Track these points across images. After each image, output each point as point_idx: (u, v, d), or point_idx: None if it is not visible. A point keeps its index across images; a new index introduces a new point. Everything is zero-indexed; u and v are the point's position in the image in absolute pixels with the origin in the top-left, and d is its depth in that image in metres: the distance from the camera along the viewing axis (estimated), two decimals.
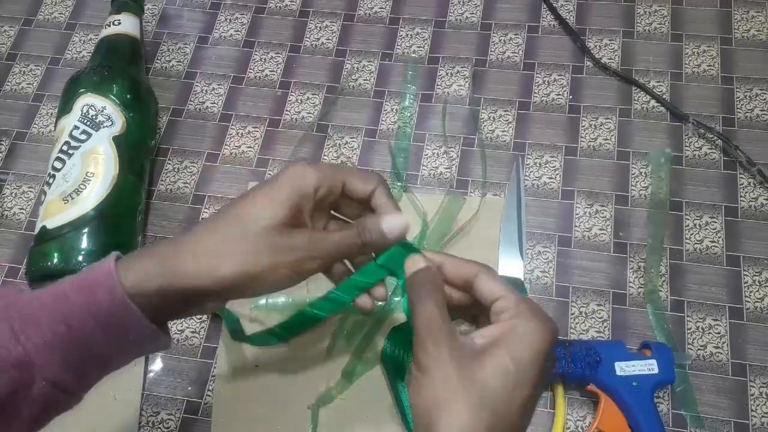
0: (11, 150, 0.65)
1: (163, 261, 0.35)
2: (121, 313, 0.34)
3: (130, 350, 0.37)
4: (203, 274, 0.35)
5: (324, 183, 0.39)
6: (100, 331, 0.34)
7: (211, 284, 0.35)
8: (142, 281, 0.34)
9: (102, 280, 0.34)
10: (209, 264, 0.35)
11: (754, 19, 0.65)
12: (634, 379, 0.48)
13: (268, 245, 0.36)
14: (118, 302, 0.34)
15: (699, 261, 0.55)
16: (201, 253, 0.36)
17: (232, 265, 0.35)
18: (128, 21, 0.63)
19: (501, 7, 0.69)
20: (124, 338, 0.35)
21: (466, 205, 0.58)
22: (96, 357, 0.35)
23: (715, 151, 0.59)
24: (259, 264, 0.36)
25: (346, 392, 0.52)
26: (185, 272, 0.35)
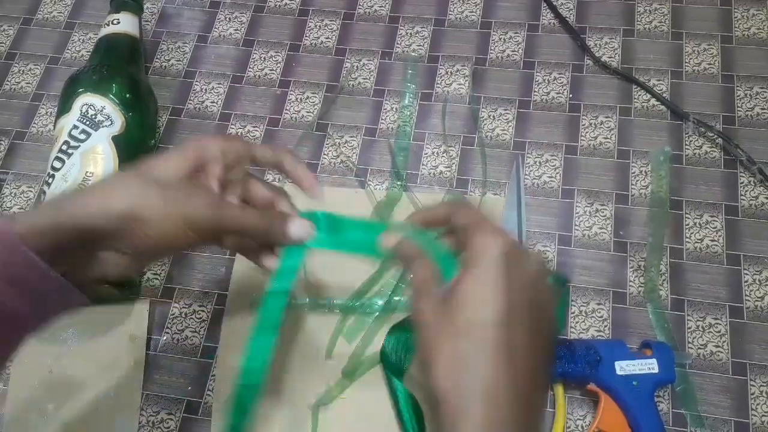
0: (11, 149, 0.65)
1: (56, 202, 0.36)
2: (19, 262, 0.33)
3: (40, 307, 0.36)
4: (92, 209, 0.35)
5: (231, 148, 0.40)
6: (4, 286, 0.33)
7: (99, 220, 0.35)
8: (34, 222, 0.34)
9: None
10: (99, 200, 0.35)
11: (755, 17, 0.65)
12: (634, 379, 0.48)
13: (161, 188, 0.36)
14: (14, 250, 0.33)
15: (699, 260, 0.55)
16: (94, 192, 0.36)
17: (120, 200, 0.35)
18: (127, 20, 0.62)
19: (501, 5, 0.69)
20: (29, 291, 0.34)
21: None
22: (5, 316, 0.34)
23: (715, 149, 0.59)
24: (151, 207, 0.35)
25: (346, 392, 0.52)
26: (75, 208, 0.35)
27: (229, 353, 0.54)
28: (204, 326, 0.55)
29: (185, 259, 0.58)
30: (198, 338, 0.55)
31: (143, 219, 0.35)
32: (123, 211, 0.35)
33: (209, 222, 0.37)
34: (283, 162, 0.42)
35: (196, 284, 0.57)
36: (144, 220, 0.35)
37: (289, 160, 0.42)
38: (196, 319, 0.56)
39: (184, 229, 0.36)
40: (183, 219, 0.36)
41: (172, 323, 0.56)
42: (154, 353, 0.55)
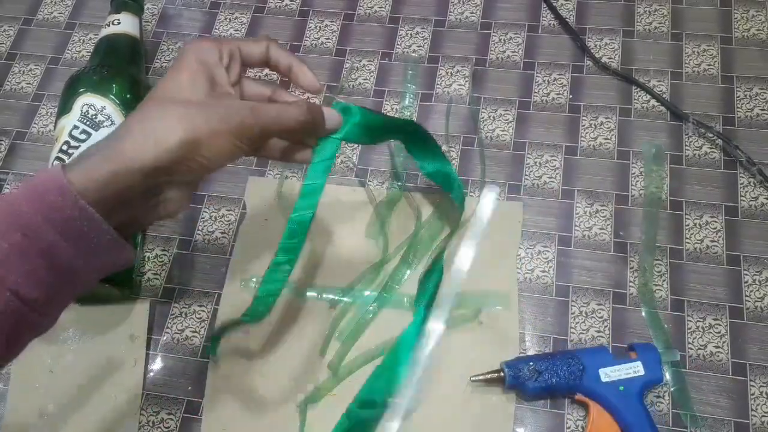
0: (11, 150, 0.65)
1: (107, 152, 0.34)
2: (75, 215, 0.33)
3: (92, 259, 0.35)
4: (149, 148, 0.34)
5: (223, 50, 0.40)
6: (57, 237, 0.33)
7: (157, 157, 0.34)
8: (90, 173, 0.33)
9: (51, 182, 0.33)
10: (153, 137, 0.34)
11: (755, 18, 0.65)
12: (620, 384, 0.48)
13: (200, 108, 0.36)
14: (70, 202, 0.33)
15: (699, 260, 0.55)
16: (139, 134, 0.35)
17: (174, 132, 0.34)
18: (128, 20, 0.62)
19: (501, 6, 0.69)
20: (83, 244, 0.34)
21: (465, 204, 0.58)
22: (59, 268, 0.34)
23: (715, 150, 0.59)
24: (199, 128, 0.35)
25: (335, 389, 0.52)
26: (131, 152, 0.34)
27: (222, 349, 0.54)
28: (204, 326, 0.55)
29: (185, 259, 0.58)
30: (198, 338, 0.55)
31: (199, 142, 0.35)
32: (179, 142, 0.34)
33: (256, 129, 0.37)
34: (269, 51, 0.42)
35: (196, 284, 0.57)
36: (199, 143, 0.35)
37: (274, 50, 0.42)
38: (196, 319, 0.56)
39: (233, 142, 0.36)
40: (231, 132, 0.36)
41: (172, 323, 0.56)
42: (154, 353, 0.55)
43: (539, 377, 0.49)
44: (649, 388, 0.49)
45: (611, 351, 0.51)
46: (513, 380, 0.49)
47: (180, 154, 0.35)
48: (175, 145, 0.34)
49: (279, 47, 0.43)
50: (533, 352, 0.52)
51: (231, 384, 0.53)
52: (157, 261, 0.58)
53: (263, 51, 0.42)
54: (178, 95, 0.37)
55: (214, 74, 0.39)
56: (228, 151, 0.36)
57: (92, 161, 0.34)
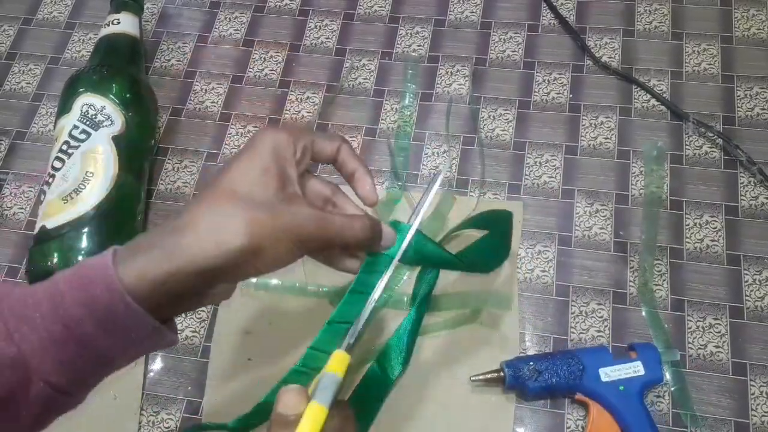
0: (11, 149, 0.65)
1: (165, 246, 0.33)
2: (120, 311, 0.32)
3: (132, 349, 0.34)
4: (209, 251, 0.32)
5: (298, 144, 0.38)
6: (98, 330, 0.32)
7: (218, 260, 0.32)
8: (144, 271, 0.32)
9: (98, 275, 0.32)
10: (214, 239, 0.33)
11: (755, 18, 0.65)
12: (620, 384, 0.48)
13: (268, 214, 0.34)
14: (116, 299, 0.31)
15: (699, 260, 0.55)
16: (203, 231, 0.33)
17: (236, 236, 0.33)
18: (127, 20, 0.62)
19: (501, 5, 0.69)
20: (124, 337, 0.33)
21: (463, 204, 0.58)
22: (96, 357, 0.33)
23: (715, 149, 0.59)
24: (263, 234, 0.33)
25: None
26: (190, 253, 0.32)
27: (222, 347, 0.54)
28: (204, 326, 0.55)
29: None
30: (198, 338, 0.55)
31: (259, 249, 0.33)
32: (241, 247, 0.33)
33: (319, 240, 0.36)
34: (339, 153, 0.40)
35: None
36: (262, 250, 0.33)
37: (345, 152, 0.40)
38: (196, 319, 0.56)
39: (294, 250, 0.35)
40: (294, 241, 0.34)
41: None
42: (154, 353, 0.54)
43: (539, 377, 0.49)
44: (649, 387, 0.49)
45: (611, 351, 0.50)
46: (513, 380, 0.49)
47: (241, 259, 0.33)
48: (237, 250, 0.32)
49: (350, 150, 0.41)
50: (533, 352, 0.52)
51: (231, 384, 0.53)
52: None
53: (334, 151, 0.40)
54: (247, 191, 0.34)
55: (286, 172, 0.36)
56: (286, 258, 0.35)
57: (148, 258, 0.32)
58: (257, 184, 0.35)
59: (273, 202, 0.35)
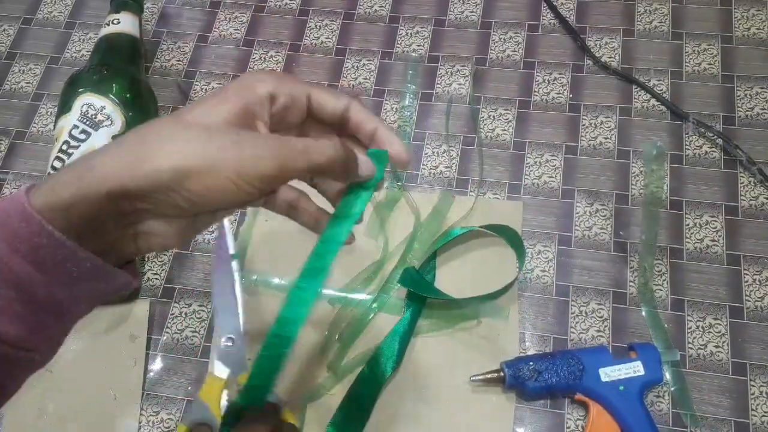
0: (11, 149, 0.65)
1: (77, 166, 0.29)
2: (44, 242, 0.28)
3: (77, 289, 0.30)
4: (120, 171, 0.28)
5: (282, 90, 0.33)
6: (28, 267, 0.28)
7: (130, 182, 0.28)
8: (54, 195, 0.28)
9: (12, 207, 0.28)
10: (134, 158, 0.28)
11: (755, 17, 0.65)
12: (620, 384, 0.48)
13: (204, 136, 0.29)
14: (35, 228, 0.28)
15: (699, 260, 0.55)
16: (124, 150, 0.29)
17: (163, 156, 0.28)
18: (128, 20, 0.62)
19: (501, 5, 0.69)
20: (61, 273, 0.29)
21: (462, 204, 0.58)
22: (36, 300, 0.29)
23: (715, 149, 0.59)
24: (191, 155, 0.28)
25: (334, 389, 0.52)
26: (102, 171, 0.28)
27: None
28: (204, 326, 0.55)
29: (185, 259, 0.58)
30: (198, 338, 0.55)
31: (184, 172, 0.28)
32: (165, 167, 0.28)
33: (270, 164, 0.29)
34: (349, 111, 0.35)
35: (196, 284, 0.57)
36: (185, 174, 0.28)
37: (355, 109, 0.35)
38: (196, 319, 0.56)
39: (236, 180, 0.29)
40: (235, 167, 0.29)
41: (172, 323, 0.56)
42: (154, 353, 0.55)
43: (539, 377, 0.49)
44: (649, 387, 0.49)
45: (611, 351, 0.50)
46: (513, 380, 0.49)
47: (160, 183, 0.28)
48: (158, 171, 0.28)
49: (362, 108, 0.35)
50: (533, 351, 0.52)
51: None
52: (157, 261, 0.58)
53: (339, 108, 0.35)
54: (194, 117, 0.31)
55: (252, 110, 0.32)
56: (227, 190, 0.29)
57: (60, 180, 0.29)
58: (210, 114, 0.31)
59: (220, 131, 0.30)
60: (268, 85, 0.33)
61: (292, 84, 0.34)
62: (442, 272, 0.55)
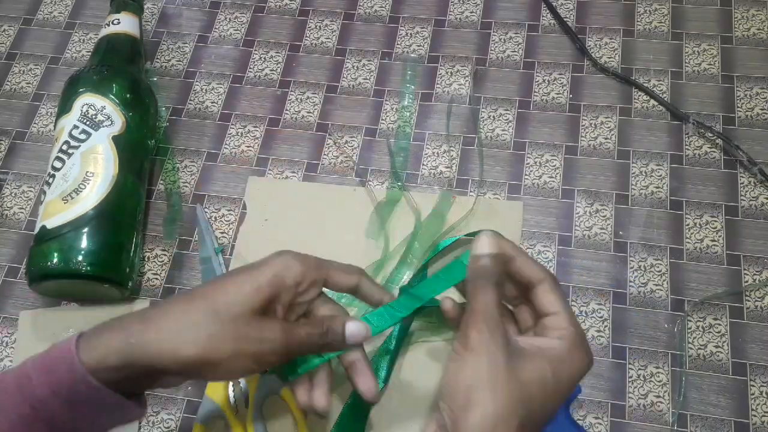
0: (11, 149, 0.65)
1: (127, 337, 0.35)
2: (83, 389, 0.34)
3: (99, 423, 0.37)
4: (165, 355, 0.35)
5: (307, 278, 0.39)
6: (65, 409, 0.34)
7: (171, 365, 0.35)
8: (103, 357, 0.34)
9: (62, 358, 0.34)
10: (172, 345, 0.35)
11: (755, 18, 0.65)
12: None
13: (235, 334, 0.35)
14: (79, 379, 0.34)
15: (699, 260, 0.55)
16: (165, 332, 0.35)
17: (194, 348, 0.35)
18: (127, 20, 0.62)
19: (501, 5, 0.69)
20: (90, 412, 0.35)
21: (462, 204, 0.58)
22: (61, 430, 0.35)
23: (715, 150, 0.59)
24: (222, 351, 0.35)
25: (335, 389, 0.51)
26: (147, 351, 0.34)
27: None
28: None
29: (185, 260, 0.58)
30: None
31: (213, 363, 0.35)
32: (196, 358, 0.34)
33: (278, 355, 0.37)
34: (359, 288, 0.41)
35: (196, 284, 0.57)
36: (214, 364, 0.35)
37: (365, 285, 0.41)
38: None
39: (251, 365, 0.36)
40: (253, 357, 0.36)
41: None
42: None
43: None
44: (571, 402, 0.48)
45: None
46: None
47: (193, 368, 0.35)
48: (189, 361, 0.34)
49: (371, 282, 0.41)
50: None
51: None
52: (157, 261, 0.58)
53: (353, 284, 0.41)
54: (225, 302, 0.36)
55: (279, 297, 0.38)
56: (240, 373, 0.36)
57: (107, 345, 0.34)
58: (238, 300, 0.36)
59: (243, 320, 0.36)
60: (297, 275, 0.38)
61: (317, 269, 0.39)
62: None
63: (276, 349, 0.36)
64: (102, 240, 0.53)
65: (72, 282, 0.53)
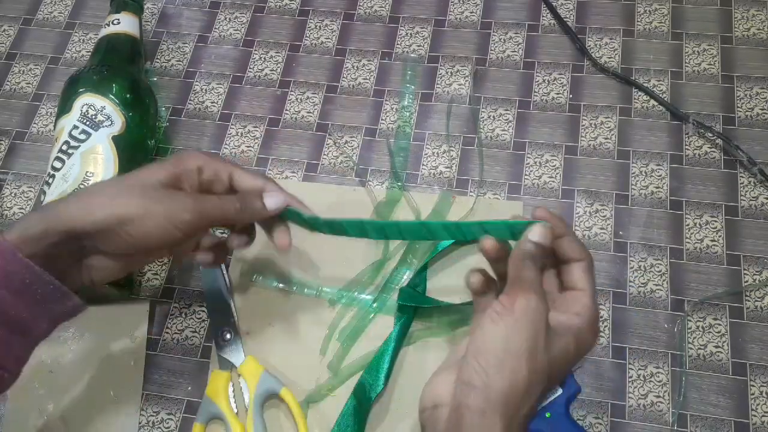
0: (11, 149, 0.65)
1: (43, 210, 0.39)
2: (17, 270, 0.36)
3: (40, 310, 0.38)
4: (77, 215, 0.38)
5: (209, 165, 0.43)
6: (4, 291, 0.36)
7: (84, 224, 0.38)
8: (24, 230, 0.37)
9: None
10: (84, 206, 0.38)
11: (755, 18, 0.65)
12: (545, 411, 0.46)
13: (141, 192, 0.39)
14: (9, 257, 0.36)
15: (699, 260, 0.55)
16: (78, 200, 0.39)
17: (104, 206, 0.38)
18: (127, 20, 0.62)
19: (501, 5, 0.69)
20: (28, 295, 0.37)
21: (463, 204, 0.58)
22: (9, 322, 0.37)
23: (715, 150, 0.59)
24: (131, 207, 0.38)
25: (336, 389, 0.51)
26: (62, 215, 0.38)
27: None
28: (204, 326, 0.55)
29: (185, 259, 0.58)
30: (198, 338, 0.55)
31: (124, 219, 0.38)
32: (106, 213, 0.38)
33: (190, 213, 0.39)
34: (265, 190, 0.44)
35: (196, 284, 0.57)
36: (125, 220, 0.38)
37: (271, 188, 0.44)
38: (196, 319, 0.56)
39: (165, 225, 0.39)
40: (164, 215, 0.39)
41: (172, 323, 0.56)
42: (154, 353, 0.55)
43: None
44: (572, 402, 0.48)
45: None
46: None
47: (101, 226, 0.38)
48: (100, 217, 0.38)
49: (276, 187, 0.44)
50: None
51: None
52: (157, 261, 0.58)
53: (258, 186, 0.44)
54: (137, 180, 0.40)
55: (182, 175, 0.42)
56: (158, 233, 0.39)
57: (29, 219, 0.37)
58: (148, 177, 0.41)
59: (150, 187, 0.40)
60: (198, 161, 0.42)
61: (218, 163, 0.43)
62: (434, 282, 0.55)
63: (187, 208, 0.39)
64: None
65: None
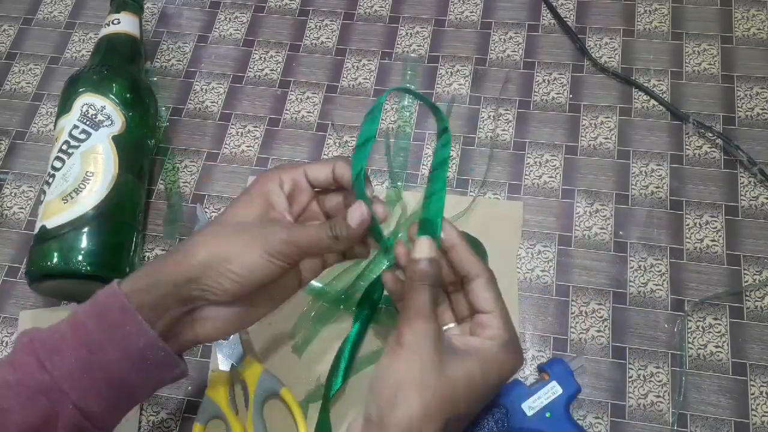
0: (11, 149, 0.65)
1: (150, 264, 0.39)
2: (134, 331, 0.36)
3: (148, 375, 0.38)
4: (180, 260, 0.37)
5: (285, 177, 0.41)
6: (118, 354, 0.36)
7: (189, 268, 0.37)
8: (134, 281, 0.37)
9: (112, 299, 0.36)
10: (186, 251, 0.38)
11: (755, 18, 0.65)
12: (545, 411, 0.47)
13: (238, 230, 0.38)
14: (130, 318, 0.36)
15: (699, 260, 0.55)
16: (181, 247, 0.39)
17: (204, 245, 0.38)
18: (127, 20, 0.62)
19: (501, 5, 0.69)
20: (139, 360, 0.36)
21: (463, 204, 0.58)
22: (116, 383, 0.37)
23: (715, 150, 0.59)
24: (229, 243, 0.38)
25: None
26: (168, 264, 0.37)
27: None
28: None
29: None
30: None
31: (225, 256, 0.37)
32: (207, 254, 0.37)
33: (285, 245, 0.38)
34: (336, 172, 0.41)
35: None
36: (226, 257, 0.37)
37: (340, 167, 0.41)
38: None
39: (265, 258, 0.37)
40: (262, 248, 0.37)
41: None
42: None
43: None
44: (572, 401, 0.48)
45: (526, 381, 0.49)
46: None
47: (207, 263, 0.37)
48: (201, 259, 0.37)
49: (346, 164, 0.41)
50: (533, 352, 0.52)
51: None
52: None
53: (329, 173, 0.41)
54: (228, 218, 0.39)
55: (271, 201, 0.40)
56: (259, 267, 0.37)
57: (139, 275, 0.38)
58: (239, 214, 0.40)
59: (246, 223, 0.39)
60: (275, 178, 0.41)
61: (291, 171, 0.41)
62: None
63: (282, 239, 0.37)
64: (102, 240, 0.53)
65: (72, 282, 0.53)
